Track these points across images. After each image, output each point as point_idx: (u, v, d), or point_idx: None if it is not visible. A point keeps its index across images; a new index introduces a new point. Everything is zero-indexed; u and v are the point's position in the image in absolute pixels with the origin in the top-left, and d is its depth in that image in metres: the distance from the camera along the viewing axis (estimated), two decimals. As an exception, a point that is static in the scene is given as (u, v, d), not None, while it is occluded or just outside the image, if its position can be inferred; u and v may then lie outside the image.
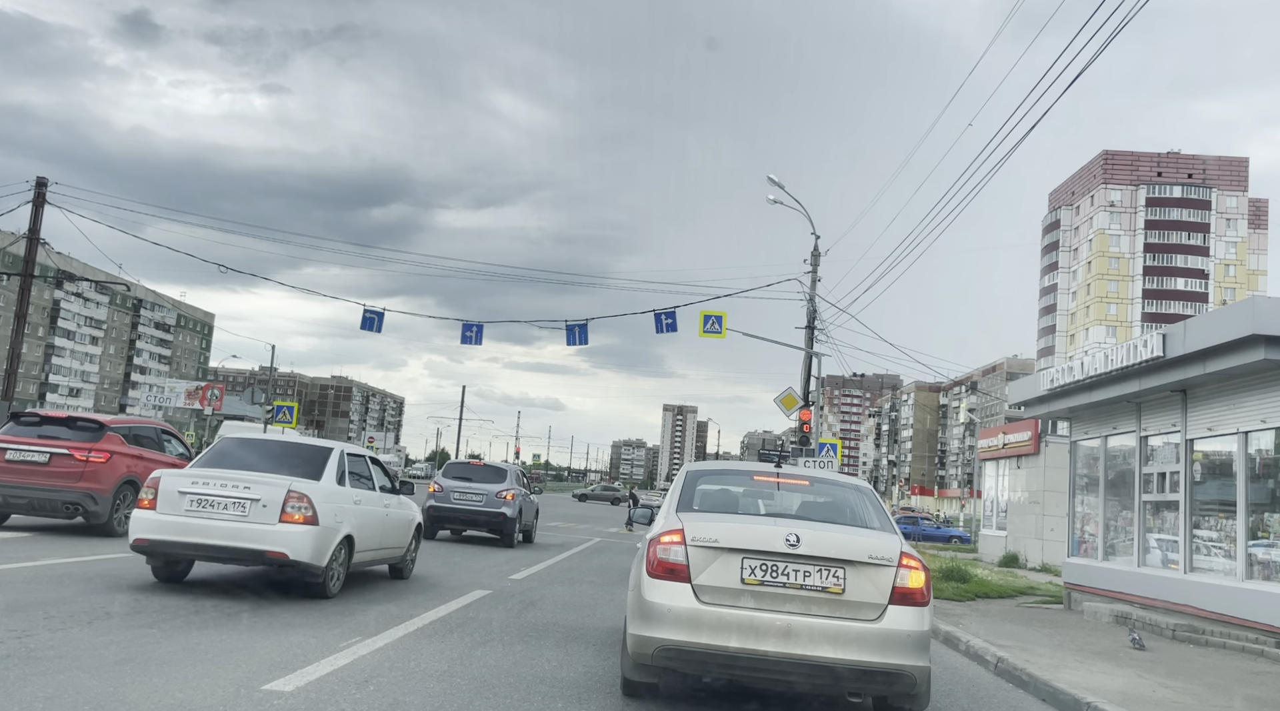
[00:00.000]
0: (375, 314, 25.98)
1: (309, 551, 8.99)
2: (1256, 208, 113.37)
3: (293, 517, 8.95)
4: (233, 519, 8.89)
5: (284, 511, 8.94)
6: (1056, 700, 7.73)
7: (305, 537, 8.97)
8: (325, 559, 9.23)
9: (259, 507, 8.92)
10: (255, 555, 8.95)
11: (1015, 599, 16.32)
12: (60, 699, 4.99)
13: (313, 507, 9.08)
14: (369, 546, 10.46)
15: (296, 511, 8.98)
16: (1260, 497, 11.42)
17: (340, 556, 9.64)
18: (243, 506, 8.92)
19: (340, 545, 9.56)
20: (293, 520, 8.95)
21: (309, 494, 9.13)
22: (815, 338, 25.34)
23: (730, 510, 6.66)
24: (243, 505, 8.93)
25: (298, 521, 8.96)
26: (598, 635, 8.70)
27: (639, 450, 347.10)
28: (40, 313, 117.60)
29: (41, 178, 26.00)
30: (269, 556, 8.92)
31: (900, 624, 5.55)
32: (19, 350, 27.48)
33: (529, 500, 21.03)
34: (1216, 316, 13.57)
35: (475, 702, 5.78)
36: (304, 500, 9.05)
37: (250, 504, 8.93)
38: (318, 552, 9.10)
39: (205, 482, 9.03)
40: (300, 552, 8.93)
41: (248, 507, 8.92)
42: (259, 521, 8.90)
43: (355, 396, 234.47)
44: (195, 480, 9.08)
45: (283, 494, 8.99)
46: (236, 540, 8.87)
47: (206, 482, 9.03)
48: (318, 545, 9.09)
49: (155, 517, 8.89)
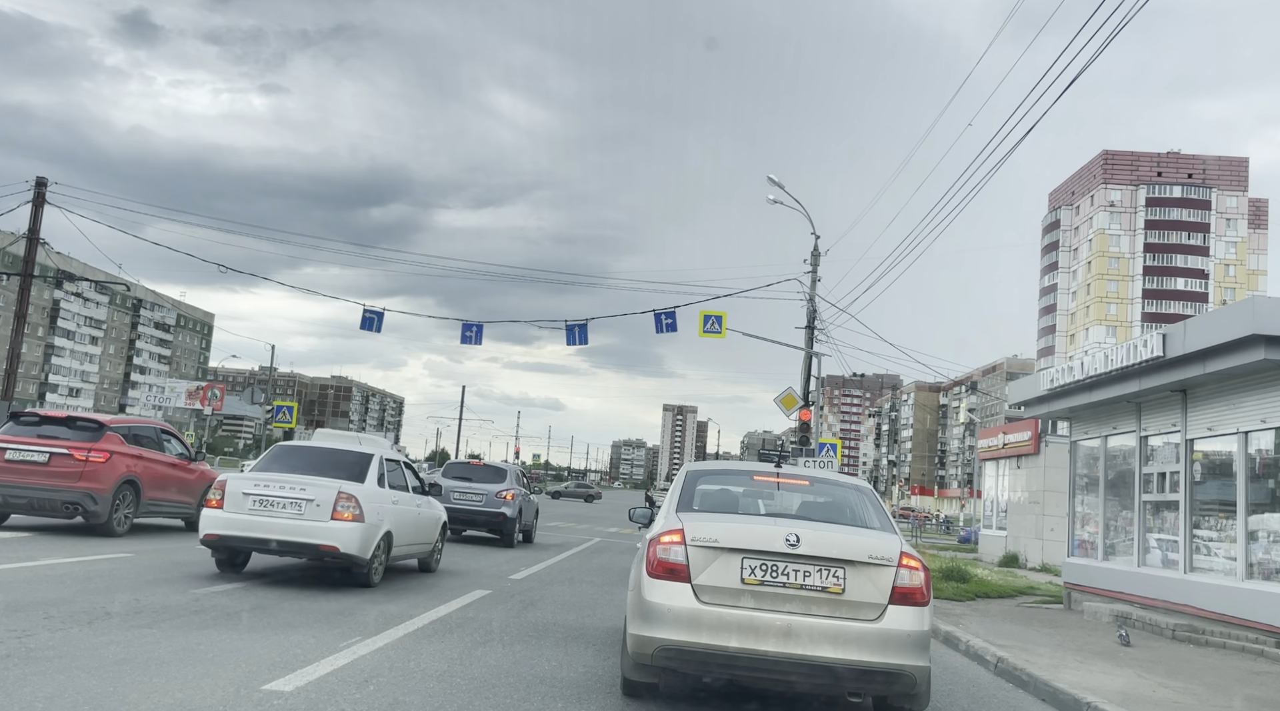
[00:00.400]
0: (375, 314, 25.98)
1: (356, 545, 10.18)
2: (1256, 208, 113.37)
3: (342, 515, 10.15)
4: (290, 517, 10.08)
5: (335, 510, 10.13)
6: (1056, 700, 7.73)
7: (353, 533, 10.15)
8: (369, 552, 10.44)
9: (313, 507, 10.11)
10: (310, 548, 10.15)
11: (1015, 599, 16.32)
12: (60, 699, 4.99)
13: (359, 507, 10.26)
14: (404, 542, 11.61)
15: (345, 510, 10.17)
16: (1260, 497, 11.42)
17: (381, 550, 10.81)
18: (299, 506, 10.10)
19: (381, 540, 10.74)
20: (342, 518, 10.14)
21: (356, 495, 10.31)
22: (815, 337, 25.34)
23: (730, 510, 6.65)
24: (299, 505, 10.11)
25: (346, 519, 10.16)
26: (598, 635, 8.70)
27: (639, 450, 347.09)
28: (40, 313, 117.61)
29: (41, 177, 26.00)
30: (322, 549, 10.10)
31: (900, 624, 5.55)
32: (19, 350, 27.48)
33: (529, 500, 21.04)
34: (1216, 316, 13.57)
35: (475, 702, 5.77)
36: (352, 500, 10.23)
37: (305, 503, 10.11)
38: (363, 546, 10.30)
39: (266, 485, 10.21)
40: (349, 546, 10.11)
41: (303, 507, 10.11)
42: (313, 519, 10.08)
43: (355, 396, 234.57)
44: (257, 483, 10.25)
45: (334, 494, 10.16)
46: (294, 535, 10.05)
47: (267, 485, 10.21)
48: (363, 540, 10.29)
49: (223, 515, 10.08)
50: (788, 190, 25.53)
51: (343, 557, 10.19)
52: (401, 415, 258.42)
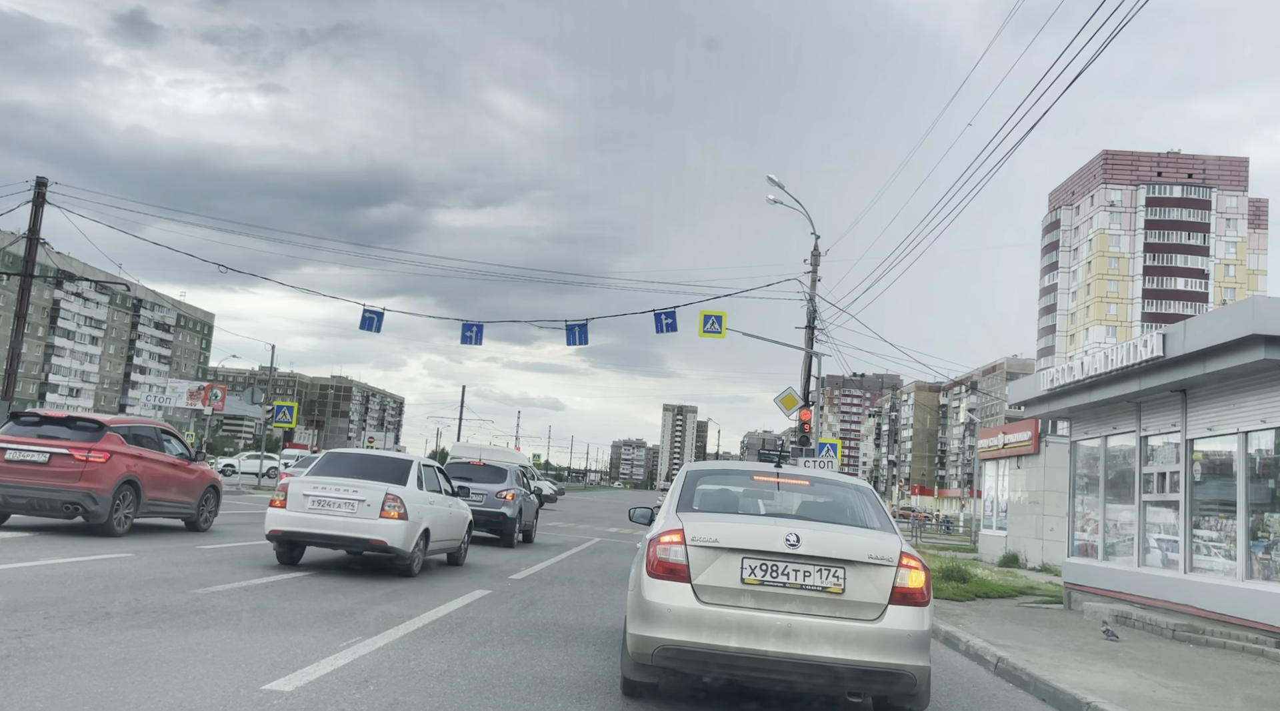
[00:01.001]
0: (375, 314, 25.98)
1: (401, 539, 11.61)
2: (1256, 208, 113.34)
3: (389, 514, 11.61)
4: (345, 515, 11.59)
5: (383, 509, 11.60)
6: (1056, 700, 7.73)
7: (399, 529, 11.60)
8: (411, 546, 11.84)
9: (364, 506, 11.60)
10: (362, 542, 11.61)
11: (1015, 599, 16.31)
12: (60, 699, 4.99)
13: (404, 506, 11.73)
14: (439, 537, 12.93)
15: (392, 509, 11.63)
16: (1260, 497, 11.41)
17: (420, 544, 12.17)
18: (352, 505, 11.61)
19: (421, 536, 12.13)
20: (390, 516, 11.61)
21: (401, 496, 11.79)
22: (815, 337, 25.33)
23: (730, 510, 6.65)
24: (352, 504, 11.62)
25: (393, 517, 11.62)
26: (598, 635, 8.70)
27: (639, 450, 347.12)
28: (40, 313, 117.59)
29: (41, 177, 26.00)
30: (372, 543, 11.55)
31: (900, 624, 5.54)
32: (19, 350, 27.48)
33: (529, 500, 21.04)
34: (1216, 316, 13.56)
35: (475, 702, 5.77)
36: (397, 501, 11.70)
37: (358, 503, 11.62)
38: (407, 540, 11.72)
39: (322, 487, 11.73)
40: (395, 540, 11.55)
41: (355, 507, 11.61)
42: (364, 517, 11.57)
43: (355, 396, 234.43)
44: (315, 485, 11.77)
45: (382, 495, 11.65)
46: (348, 531, 11.57)
47: (324, 487, 11.73)
48: (407, 535, 11.71)
49: (286, 514, 11.59)
50: (788, 190, 25.53)
51: (389, 550, 11.60)
52: (401, 415, 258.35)
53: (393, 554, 11.66)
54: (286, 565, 11.82)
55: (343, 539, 11.63)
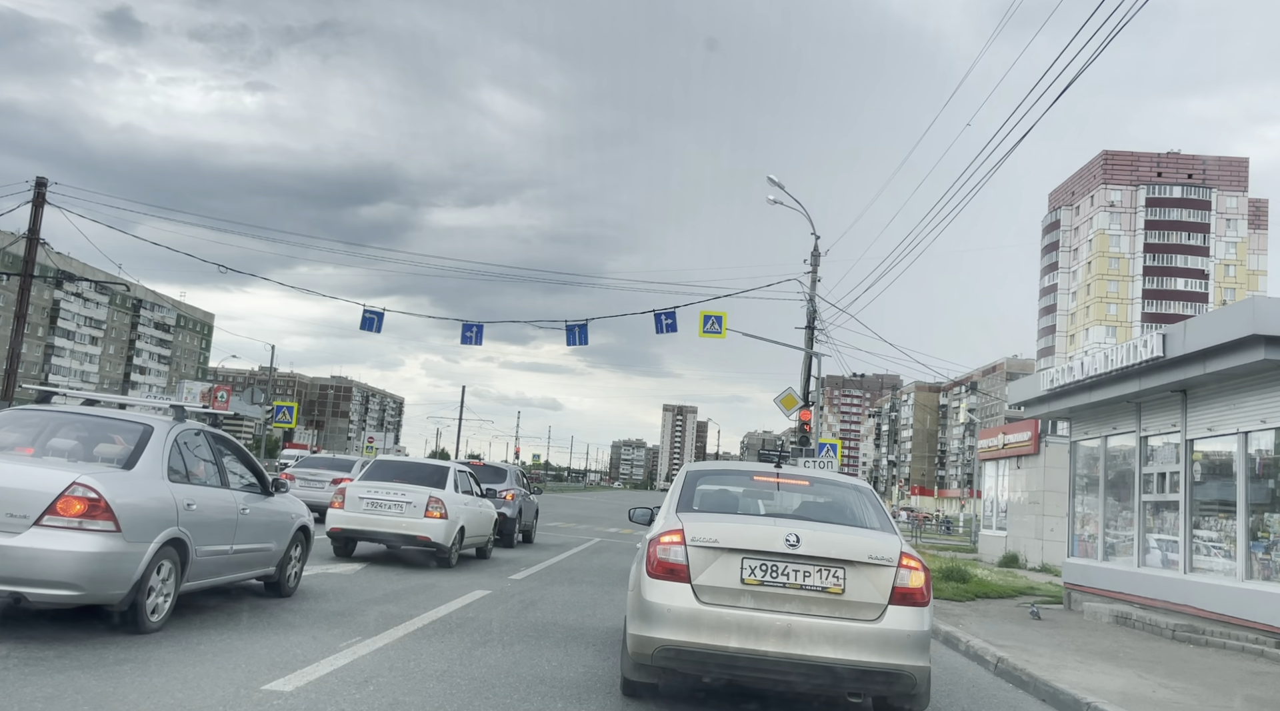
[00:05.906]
0: (375, 314, 25.95)
1: (442, 536, 13.38)
2: (1256, 208, 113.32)
3: (433, 514, 13.40)
4: (394, 514, 13.43)
5: (427, 509, 13.40)
6: (1056, 700, 7.73)
7: (440, 527, 13.37)
8: (450, 541, 13.56)
9: (411, 507, 13.45)
10: (409, 538, 13.36)
11: (1015, 599, 16.30)
12: (60, 699, 4.99)
13: (444, 507, 13.52)
14: (471, 533, 14.64)
15: (435, 509, 13.42)
16: (1260, 497, 11.41)
17: (457, 541, 13.79)
18: (400, 507, 13.46)
19: (457, 533, 13.80)
20: (433, 516, 13.39)
21: (442, 498, 13.61)
22: (815, 338, 25.33)
23: (730, 510, 6.65)
24: (400, 506, 13.47)
25: (436, 517, 13.40)
26: (598, 635, 8.70)
27: (639, 450, 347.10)
28: (40, 312, 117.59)
29: (41, 178, 25.97)
30: (418, 539, 13.32)
31: (900, 624, 5.54)
32: (19, 350, 27.47)
33: (529, 500, 21.04)
34: (1216, 316, 13.56)
35: (475, 702, 5.77)
36: (439, 502, 13.51)
37: (405, 505, 13.47)
38: (447, 537, 13.47)
39: (374, 491, 13.62)
40: (437, 537, 13.33)
41: (404, 508, 13.46)
42: (411, 516, 13.40)
43: (355, 396, 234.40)
44: (368, 489, 13.67)
45: (426, 498, 13.48)
46: (397, 529, 13.36)
47: (375, 490, 13.62)
48: (448, 532, 13.48)
49: (344, 513, 13.51)
50: (787, 190, 25.52)
51: (433, 546, 13.34)
52: (401, 415, 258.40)
53: (435, 548, 13.36)
54: (342, 557, 13.50)
55: (393, 536, 13.38)
